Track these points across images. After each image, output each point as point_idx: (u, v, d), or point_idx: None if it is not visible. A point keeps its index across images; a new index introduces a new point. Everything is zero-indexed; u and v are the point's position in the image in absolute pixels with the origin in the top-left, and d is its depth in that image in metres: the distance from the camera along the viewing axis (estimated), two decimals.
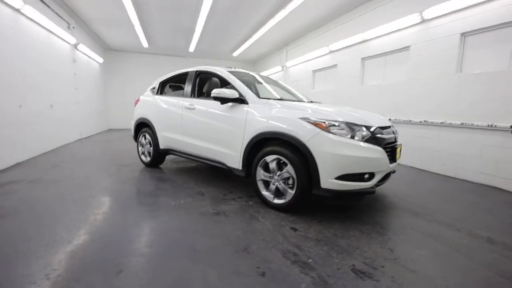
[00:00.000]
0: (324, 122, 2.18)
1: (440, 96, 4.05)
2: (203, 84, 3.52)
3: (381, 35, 5.05)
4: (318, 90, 7.31)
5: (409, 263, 1.69)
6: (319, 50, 6.98)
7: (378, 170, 2.24)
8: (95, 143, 6.76)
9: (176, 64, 11.23)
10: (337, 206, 2.64)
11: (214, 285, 1.42)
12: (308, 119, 2.24)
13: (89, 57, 7.88)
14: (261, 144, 2.58)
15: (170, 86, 4.28)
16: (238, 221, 2.24)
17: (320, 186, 2.16)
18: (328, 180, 2.13)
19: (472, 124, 3.60)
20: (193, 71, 3.55)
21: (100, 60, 8.81)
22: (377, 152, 2.21)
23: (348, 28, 5.89)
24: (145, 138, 4.12)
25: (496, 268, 1.67)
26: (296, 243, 1.90)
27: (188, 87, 3.51)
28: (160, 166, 4.23)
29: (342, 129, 2.18)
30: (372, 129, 2.27)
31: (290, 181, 2.34)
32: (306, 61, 7.85)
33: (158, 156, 3.98)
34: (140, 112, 4.17)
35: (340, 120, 2.22)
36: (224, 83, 3.70)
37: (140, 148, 4.28)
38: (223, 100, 2.79)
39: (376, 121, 2.43)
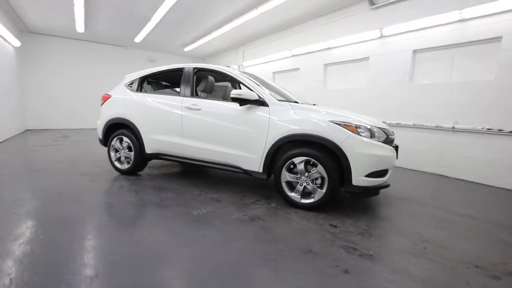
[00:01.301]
0: (354, 125, 2.40)
1: (396, 101, 4.86)
2: (199, 83, 3.29)
3: (344, 45, 5.67)
4: None
5: (440, 242, 2.05)
6: (281, 53, 7.30)
7: (390, 166, 2.60)
8: (24, 149, 5.40)
9: (115, 54, 9.94)
10: (352, 201, 2.92)
11: None
12: (339, 122, 2.41)
13: (4, 38, 6.18)
14: (280, 147, 2.64)
15: (150, 83, 3.82)
16: (280, 224, 2.24)
17: (351, 184, 2.37)
18: (359, 178, 2.36)
19: (423, 125, 4.48)
20: (190, 67, 3.27)
21: (17, 43, 7.01)
22: (391, 151, 2.57)
23: (311, 35, 6.37)
24: (121, 142, 3.57)
25: (495, 238, 2.20)
26: (347, 238, 2.04)
27: (186, 86, 3.21)
28: (139, 173, 3.74)
29: (364, 132, 2.44)
30: (385, 131, 2.61)
31: (318, 181, 2.48)
32: (266, 62, 8.08)
33: (142, 161, 3.53)
34: (115, 112, 3.58)
35: (364, 123, 2.47)
36: (220, 82, 3.55)
37: (113, 154, 3.67)
38: (243, 102, 2.70)
39: (381, 124, 2.79)
